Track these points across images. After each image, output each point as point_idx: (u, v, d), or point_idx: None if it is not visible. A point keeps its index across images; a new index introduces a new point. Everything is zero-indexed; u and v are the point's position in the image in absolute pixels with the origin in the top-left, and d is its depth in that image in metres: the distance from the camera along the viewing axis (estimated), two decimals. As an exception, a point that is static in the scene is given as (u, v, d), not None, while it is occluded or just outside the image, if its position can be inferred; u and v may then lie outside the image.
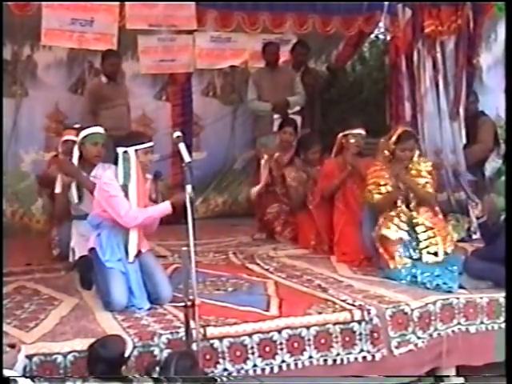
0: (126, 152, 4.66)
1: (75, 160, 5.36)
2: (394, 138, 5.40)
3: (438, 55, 6.76)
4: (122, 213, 4.56)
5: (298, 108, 7.74)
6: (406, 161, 5.41)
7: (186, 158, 4.30)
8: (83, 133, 5.39)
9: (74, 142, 5.77)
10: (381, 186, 5.38)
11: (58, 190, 5.49)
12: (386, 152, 5.45)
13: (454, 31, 6.72)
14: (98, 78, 7.27)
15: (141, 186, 4.69)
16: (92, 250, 4.76)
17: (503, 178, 6.45)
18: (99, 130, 5.45)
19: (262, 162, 6.87)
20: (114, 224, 4.65)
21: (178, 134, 4.44)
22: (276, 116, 7.55)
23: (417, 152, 5.50)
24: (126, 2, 7.19)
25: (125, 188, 4.62)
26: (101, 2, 7.04)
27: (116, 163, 4.68)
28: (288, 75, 7.87)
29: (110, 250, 4.67)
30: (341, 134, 6.13)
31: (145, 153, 4.73)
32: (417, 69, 6.89)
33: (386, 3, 7.84)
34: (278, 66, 7.87)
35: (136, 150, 4.68)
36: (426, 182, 5.40)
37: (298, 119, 7.64)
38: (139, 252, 4.75)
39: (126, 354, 3.72)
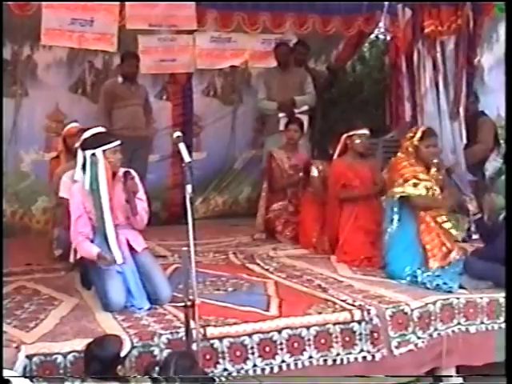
0: (93, 154, 4.64)
1: (80, 162, 5.00)
2: (418, 136, 5.42)
3: (438, 55, 6.76)
4: (73, 228, 4.69)
5: (305, 107, 7.77)
6: (430, 157, 5.42)
7: (186, 157, 4.29)
8: (87, 134, 5.08)
9: None
10: (421, 180, 5.35)
11: (64, 194, 5.38)
12: (410, 149, 5.44)
13: (454, 31, 6.71)
14: (115, 78, 7.35)
15: (111, 187, 4.68)
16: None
17: (503, 178, 6.44)
18: (101, 130, 5.22)
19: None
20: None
21: (178, 133, 4.42)
22: (281, 115, 7.57)
23: None
24: (126, 2, 7.19)
25: (94, 192, 4.61)
26: (101, 2, 7.03)
27: (84, 167, 4.67)
28: (298, 76, 7.90)
29: (103, 253, 4.66)
30: (345, 135, 6.13)
31: (113, 152, 4.70)
32: (417, 69, 6.89)
33: (386, 3, 7.84)
34: (290, 67, 7.88)
35: (104, 151, 4.66)
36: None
37: (305, 118, 7.68)
38: (134, 251, 4.76)
39: (122, 354, 3.71)
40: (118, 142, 4.77)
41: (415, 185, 5.32)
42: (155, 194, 7.26)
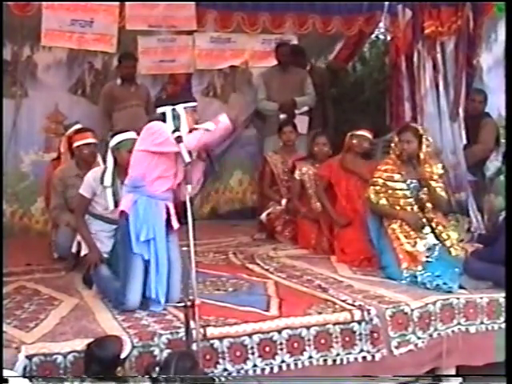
0: (174, 110, 4.44)
1: (110, 168, 5.06)
2: (397, 132, 5.57)
3: (438, 56, 6.77)
4: (186, 138, 4.33)
5: (306, 108, 7.77)
6: (404, 153, 5.44)
7: (186, 158, 4.30)
8: (117, 138, 5.09)
9: (95, 144, 5.77)
10: (389, 189, 5.43)
11: (85, 192, 5.20)
12: (392, 146, 5.56)
13: (454, 32, 6.73)
14: (114, 80, 7.37)
15: None
16: (123, 215, 4.47)
17: (502, 178, 6.45)
18: (133, 135, 5.06)
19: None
20: (152, 193, 4.45)
21: (178, 133, 4.42)
22: (282, 116, 7.56)
23: (425, 149, 5.52)
24: (126, 3, 7.20)
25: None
26: (101, 3, 7.04)
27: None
28: (299, 76, 7.88)
29: (145, 226, 4.38)
30: (349, 134, 6.26)
31: (191, 112, 4.51)
32: (417, 69, 6.90)
33: (386, 3, 7.85)
34: (290, 67, 7.88)
35: (185, 108, 4.47)
36: (438, 186, 5.46)
37: (306, 120, 7.69)
38: (170, 228, 4.54)
39: (123, 356, 3.70)
40: (196, 103, 4.62)
41: (377, 192, 5.46)
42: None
